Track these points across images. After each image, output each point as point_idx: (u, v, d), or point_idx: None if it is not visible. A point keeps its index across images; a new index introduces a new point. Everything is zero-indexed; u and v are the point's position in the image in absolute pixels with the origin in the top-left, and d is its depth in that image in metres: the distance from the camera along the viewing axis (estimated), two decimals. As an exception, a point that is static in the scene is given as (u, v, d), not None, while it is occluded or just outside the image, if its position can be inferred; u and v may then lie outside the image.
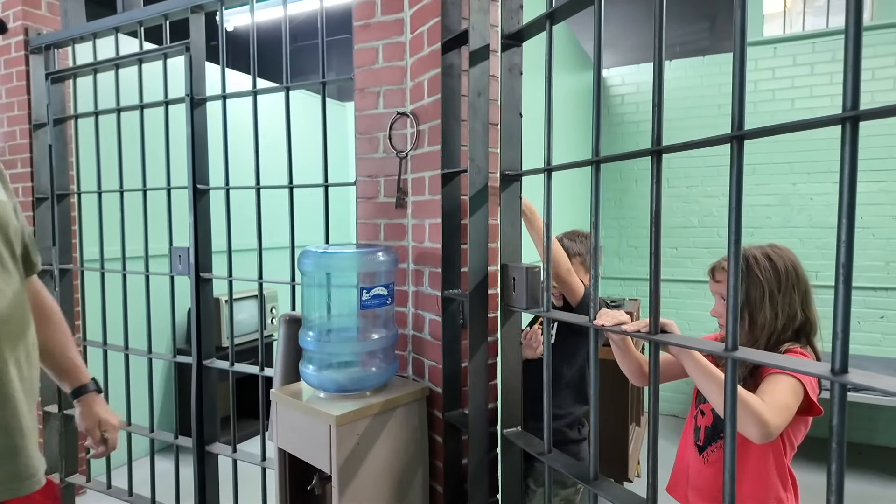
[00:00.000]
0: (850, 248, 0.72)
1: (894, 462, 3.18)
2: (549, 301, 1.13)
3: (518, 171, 1.25)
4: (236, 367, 2.01)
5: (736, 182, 0.82)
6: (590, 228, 1.04)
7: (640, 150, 0.92)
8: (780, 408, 1.04)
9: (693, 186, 3.84)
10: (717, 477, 1.19)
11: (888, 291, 3.42)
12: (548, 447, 1.12)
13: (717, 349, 0.85)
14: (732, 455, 0.81)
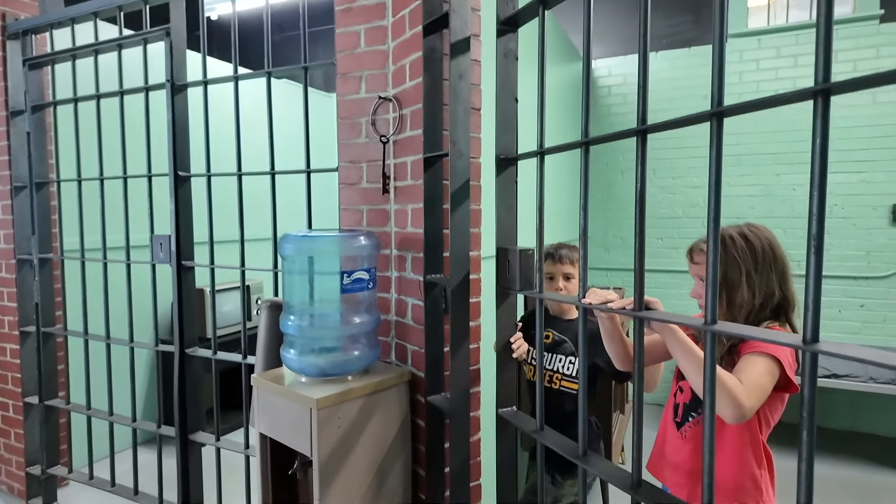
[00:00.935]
0: (822, 220, 0.72)
1: (876, 449, 3.23)
2: (541, 283, 1.15)
3: (512, 155, 1.25)
4: (219, 356, 1.99)
5: (716, 159, 0.83)
6: (579, 211, 1.05)
7: (627, 129, 0.93)
8: (755, 389, 1.05)
9: (678, 177, 3.87)
10: (693, 452, 1.20)
11: (868, 280, 3.47)
12: (539, 425, 1.12)
13: (696, 323, 0.86)
14: (711, 428, 0.82)
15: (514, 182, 1.27)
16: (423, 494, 1.52)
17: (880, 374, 2.89)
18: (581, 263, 1.02)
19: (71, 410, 2.37)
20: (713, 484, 0.83)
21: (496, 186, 1.24)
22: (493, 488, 1.29)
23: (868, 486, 2.77)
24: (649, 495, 0.92)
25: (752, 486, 1.15)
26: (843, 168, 3.46)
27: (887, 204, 3.40)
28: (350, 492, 1.35)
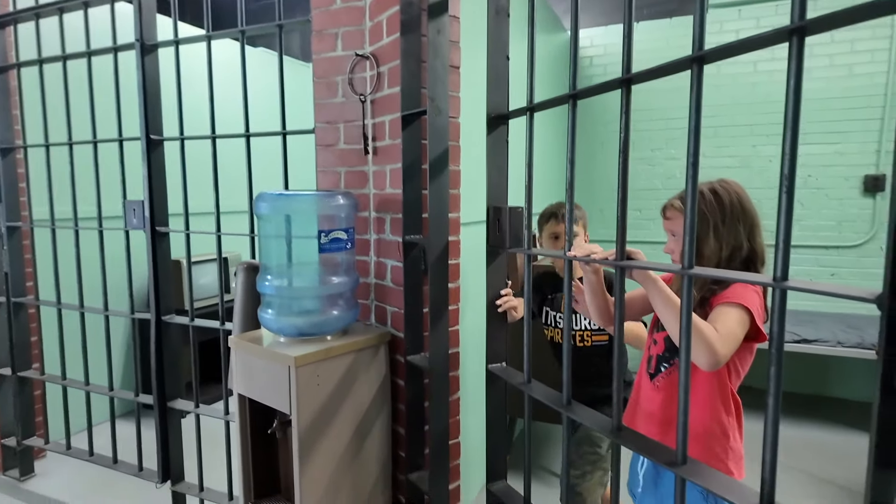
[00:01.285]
0: (794, 161, 0.73)
1: (845, 412, 3.35)
2: (530, 240, 1.15)
3: (504, 112, 1.23)
4: (197, 323, 1.97)
5: (696, 105, 0.83)
6: (566, 165, 1.05)
7: (612, 80, 0.93)
8: (729, 337, 1.08)
9: (657, 149, 3.89)
10: (665, 401, 1.23)
11: (839, 250, 3.55)
12: (527, 377, 1.14)
13: (675, 268, 0.87)
14: (687, 371, 0.84)
15: (506, 141, 1.26)
16: (403, 452, 1.53)
17: (847, 339, 2.98)
18: (567, 217, 1.02)
19: (45, 381, 2.34)
20: (687, 423, 0.85)
21: (488, 145, 1.22)
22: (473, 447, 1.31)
23: (836, 448, 2.88)
24: (629, 439, 0.95)
25: (720, 432, 1.18)
26: (817, 139, 3.51)
27: (859, 174, 3.47)
28: (330, 450, 1.36)
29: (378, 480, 1.50)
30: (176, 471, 2.09)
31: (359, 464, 1.43)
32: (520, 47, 1.24)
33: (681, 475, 0.86)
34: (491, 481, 1.27)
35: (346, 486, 1.40)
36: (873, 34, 3.37)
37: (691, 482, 0.99)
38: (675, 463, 0.87)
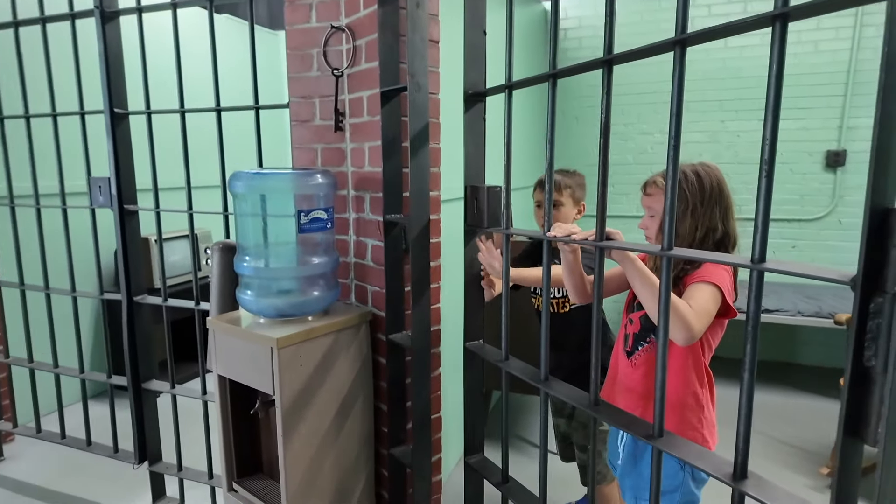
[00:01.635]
0: (774, 146, 0.75)
1: (803, 377, 3.53)
2: (510, 219, 1.16)
3: (482, 90, 1.22)
4: (170, 303, 1.93)
5: (678, 87, 0.84)
6: (545, 146, 1.05)
7: (594, 60, 0.93)
8: (703, 313, 1.12)
9: (629, 124, 3.92)
10: (644, 376, 1.28)
11: (800, 223, 3.69)
12: (505, 355, 1.15)
13: (654, 249, 0.89)
14: (665, 345, 0.86)
15: (483, 119, 1.25)
16: (385, 427, 1.55)
17: (807, 308, 3.12)
18: (546, 198, 1.03)
19: (11, 364, 2.27)
20: (665, 398, 0.89)
21: (465, 123, 1.21)
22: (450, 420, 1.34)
23: (795, 411, 3.03)
24: (606, 412, 0.98)
25: (693, 403, 1.24)
26: (783, 115, 3.58)
27: (822, 150, 3.58)
28: (313, 428, 1.36)
29: (360, 455, 1.52)
30: (153, 451, 2.07)
31: (342, 440, 1.44)
32: (496, 20, 1.22)
33: (658, 447, 0.89)
34: (469, 454, 1.29)
35: (329, 462, 1.41)
36: (839, 12, 3.43)
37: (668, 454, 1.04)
38: (652, 436, 0.90)
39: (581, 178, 1.79)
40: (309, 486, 1.36)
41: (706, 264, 1.21)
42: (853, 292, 0.64)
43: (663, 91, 3.65)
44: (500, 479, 1.21)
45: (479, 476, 1.30)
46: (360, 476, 1.53)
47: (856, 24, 3.41)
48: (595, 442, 1.05)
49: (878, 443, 0.67)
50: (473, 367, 1.29)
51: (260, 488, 1.47)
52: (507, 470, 1.20)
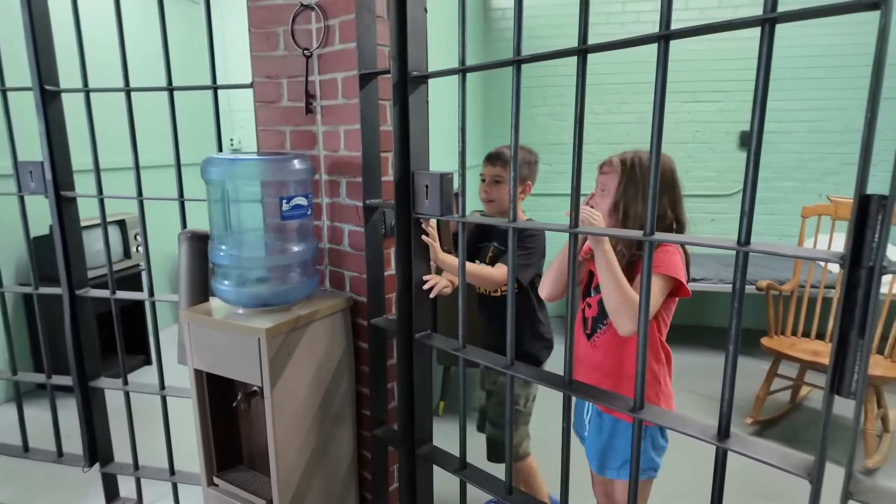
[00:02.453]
0: (759, 141, 0.83)
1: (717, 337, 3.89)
2: (464, 208, 1.16)
3: (426, 73, 1.20)
4: (119, 295, 1.81)
5: (661, 80, 0.89)
6: (510, 131, 1.07)
7: (567, 48, 0.97)
8: (651, 306, 1.23)
9: (566, 105, 4.06)
10: (604, 356, 1.37)
11: (719, 198, 4.01)
12: (462, 344, 1.19)
13: (636, 235, 0.95)
14: (645, 328, 0.94)
15: (426, 101, 1.24)
16: (367, 410, 1.57)
17: (728, 276, 3.43)
18: (511, 185, 1.05)
19: (-75, 370, 2.04)
20: (645, 374, 0.97)
21: (410, 106, 1.18)
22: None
23: (717, 369, 3.35)
24: (579, 390, 1.05)
25: (652, 378, 1.34)
26: (704, 98, 3.87)
27: (737, 130, 3.89)
28: (300, 415, 1.35)
29: (344, 439, 1.53)
30: (104, 452, 1.95)
31: (327, 426, 1.45)
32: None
33: (639, 418, 0.97)
34: (419, 446, 1.31)
35: (316, 447, 1.41)
36: (752, 1, 3.72)
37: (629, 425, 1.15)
38: (634, 409, 0.98)
39: (529, 156, 1.75)
40: (298, 472, 1.36)
41: (657, 251, 1.28)
42: (841, 268, 0.74)
43: (599, 73, 3.79)
44: (457, 466, 1.24)
45: (430, 466, 1.34)
46: (345, 459, 1.54)
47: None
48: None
49: (852, 396, 0.78)
50: (422, 358, 1.30)
51: (243, 480, 1.44)
52: (465, 457, 1.24)
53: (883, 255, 0.71)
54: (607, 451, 1.42)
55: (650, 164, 1.36)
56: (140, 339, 3.26)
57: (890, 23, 0.68)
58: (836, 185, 3.77)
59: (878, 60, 0.68)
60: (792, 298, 2.70)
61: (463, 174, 1.14)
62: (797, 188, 3.84)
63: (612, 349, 1.38)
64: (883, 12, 0.67)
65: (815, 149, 3.76)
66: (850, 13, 0.73)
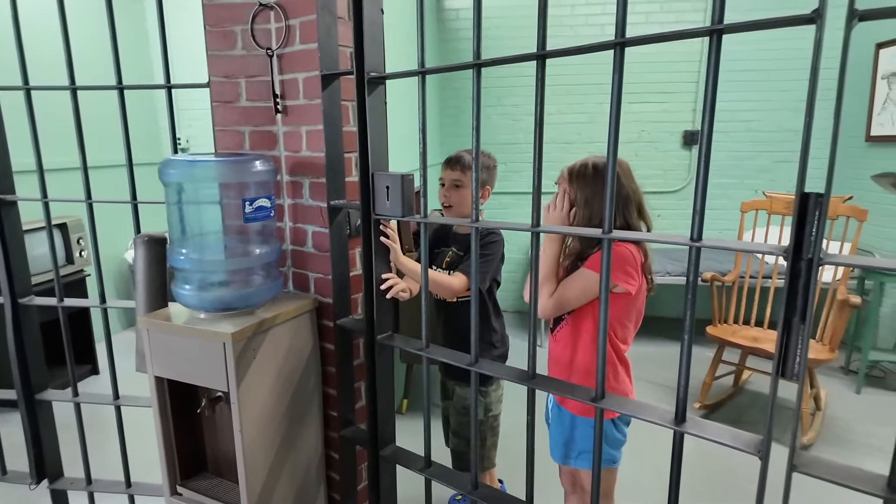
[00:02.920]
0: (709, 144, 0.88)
1: (674, 328, 4.07)
2: (425, 208, 1.19)
3: (384, 74, 1.21)
4: (67, 303, 1.73)
5: (618, 86, 0.94)
6: (472, 133, 1.10)
7: (526, 53, 1.00)
8: (560, 301, 1.38)
9: (518, 105, 4.15)
10: (564, 348, 1.44)
11: (664, 195, 4.20)
12: (426, 343, 1.21)
13: (595, 233, 1.00)
14: (605, 318, 0.98)
15: (384, 103, 1.25)
16: (334, 411, 1.57)
17: (674, 269, 3.60)
18: (473, 186, 1.08)
19: None
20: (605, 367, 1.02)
21: (368, 108, 1.19)
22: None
23: (668, 358, 3.51)
24: (542, 383, 1.10)
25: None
26: (649, 98, 4.03)
27: (680, 130, 4.08)
28: (267, 419, 1.34)
29: (312, 440, 1.52)
30: (53, 468, 1.86)
31: (295, 429, 1.44)
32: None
33: (601, 407, 1.02)
34: (382, 447, 1.33)
35: (284, 450, 1.40)
36: (693, 7, 3.90)
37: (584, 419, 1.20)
38: (594, 398, 1.03)
39: (488, 160, 1.76)
40: (266, 476, 1.35)
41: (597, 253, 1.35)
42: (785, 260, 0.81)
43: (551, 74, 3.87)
44: (422, 465, 1.26)
45: (393, 467, 1.36)
46: (313, 460, 1.53)
47: (705, 20, 3.90)
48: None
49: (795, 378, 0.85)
50: (383, 360, 1.31)
51: (209, 487, 1.41)
52: (429, 455, 1.26)
53: (819, 247, 0.78)
54: (567, 443, 1.48)
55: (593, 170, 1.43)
56: (86, 348, 3.11)
57: (824, 36, 0.75)
58: (770, 182, 4.01)
59: (814, 69, 0.74)
60: (733, 289, 2.87)
61: (424, 175, 1.16)
62: (735, 184, 4.07)
63: (569, 342, 1.44)
64: (818, 26, 0.74)
65: (751, 147, 4.00)
66: (790, 26, 0.79)
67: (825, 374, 3.21)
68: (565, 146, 4.11)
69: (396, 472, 1.39)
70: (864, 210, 2.45)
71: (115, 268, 3.90)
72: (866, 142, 3.46)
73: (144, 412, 1.77)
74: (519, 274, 4.46)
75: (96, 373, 3.13)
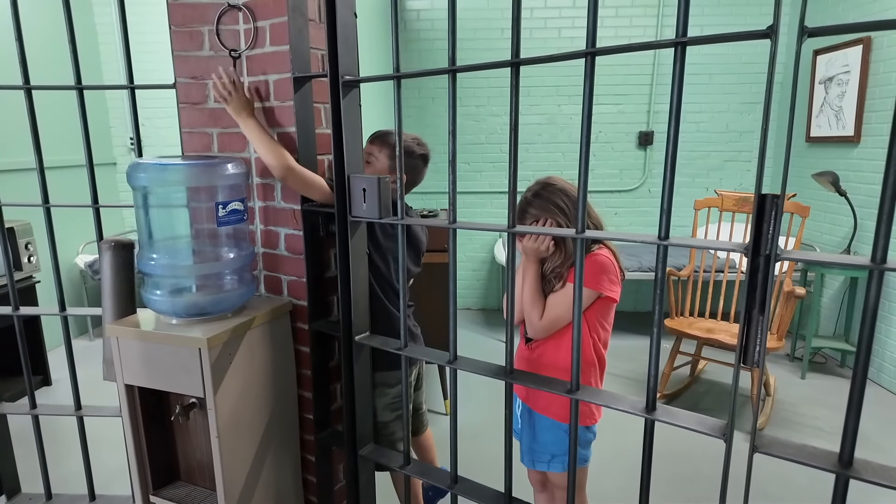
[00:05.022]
0: (675, 147, 0.94)
1: (631, 322, 4.21)
2: (402, 210, 1.20)
3: (358, 77, 1.21)
4: (23, 311, 1.66)
5: (589, 93, 0.98)
6: (448, 136, 1.13)
7: (499, 61, 1.04)
8: (551, 321, 1.42)
9: (481, 106, 4.20)
10: (541, 356, 1.48)
11: (620, 193, 4.34)
12: (404, 342, 1.24)
13: (569, 233, 1.04)
14: (579, 318, 1.03)
15: (359, 105, 1.27)
16: (309, 414, 1.56)
17: (631, 264, 3.72)
18: (449, 187, 1.11)
19: None
20: (580, 361, 1.06)
21: (343, 111, 1.20)
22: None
23: (627, 351, 3.63)
24: (522, 378, 1.14)
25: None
26: (606, 100, 4.16)
27: (636, 131, 4.23)
28: (244, 424, 1.33)
29: (288, 444, 1.52)
30: (10, 483, 1.79)
31: (270, 432, 1.43)
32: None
33: (576, 398, 1.07)
34: (361, 446, 1.35)
35: (260, 455, 1.39)
36: (645, 12, 4.05)
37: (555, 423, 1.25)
38: (570, 391, 1.08)
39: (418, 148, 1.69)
40: (243, 481, 1.34)
41: (594, 253, 1.42)
42: (745, 256, 0.87)
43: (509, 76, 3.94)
44: (402, 463, 1.29)
45: (372, 465, 1.38)
46: (290, 463, 1.53)
47: (658, 25, 4.06)
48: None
49: (755, 366, 0.92)
50: (361, 359, 1.33)
51: (183, 496, 1.39)
52: (408, 453, 1.29)
53: (776, 244, 0.84)
54: (535, 447, 1.51)
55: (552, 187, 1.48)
56: (37, 359, 2.97)
57: (778, 49, 0.81)
58: (719, 180, 4.21)
59: (770, 80, 0.80)
60: (689, 283, 3.00)
61: (400, 177, 1.18)
62: (687, 183, 4.24)
63: (546, 350, 1.47)
64: (773, 40, 0.80)
65: (702, 147, 4.18)
66: (748, 40, 0.85)
67: (773, 362, 3.40)
68: (527, 146, 4.19)
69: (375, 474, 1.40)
70: (807, 207, 2.62)
71: (66, 273, 3.73)
72: (807, 142, 3.68)
73: (102, 422, 1.72)
74: (483, 272, 4.52)
75: (48, 384, 2.99)
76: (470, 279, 4.51)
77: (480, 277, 4.53)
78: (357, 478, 1.36)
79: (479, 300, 4.58)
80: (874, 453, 2.41)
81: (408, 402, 1.28)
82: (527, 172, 4.02)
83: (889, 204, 0.75)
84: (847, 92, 3.31)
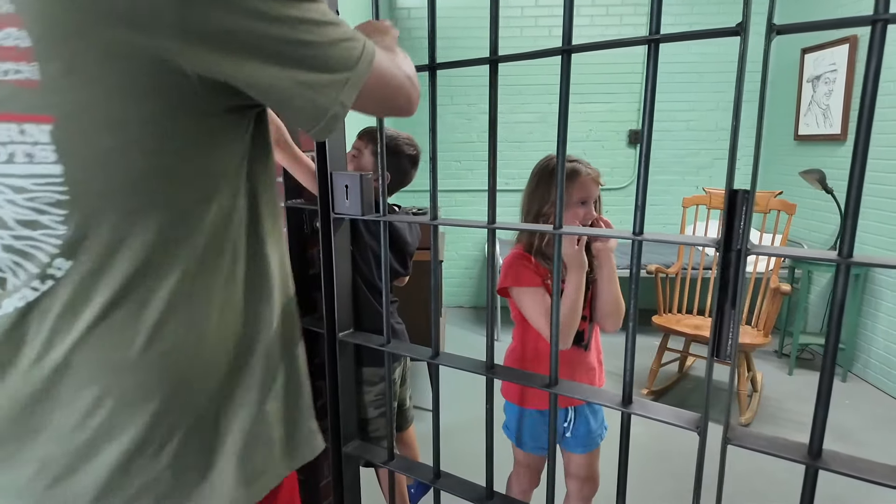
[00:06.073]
0: (649, 144, 0.95)
1: (614, 320, 4.22)
2: (384, 207, 1.21)
3: None
4: None
5: (565, 90, 0.99)
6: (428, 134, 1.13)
7: (479, 58, 1.05)
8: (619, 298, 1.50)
9: (472, 104, 4.21)
10: (588, 355, 1.59)
11: (611, 191, 4.36)
12: (387, 338, 1.25)
13: (546, 228, 1.06)
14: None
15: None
16: (295, 412, 1.57)
17: (620, 262, 3.75)
18: (430, 184, 1.12)
19: None
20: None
21: None
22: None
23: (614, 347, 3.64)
24: (500, 373, 1.15)
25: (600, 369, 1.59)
26: (596, 99, 4.18)
27: (626, 129, 4.25)
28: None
29: (273, 443, 1.52)
30: None
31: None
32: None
33: (554, 392, 1.08)
34: (346, 443, 1.35)
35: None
36: (635, 11, 4.07)
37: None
38: (549, 385, 1.09)
39: (405, 147, 1.67)
40: (227, 480, 1.34)
41: None
42: (717, 252, 0.89)
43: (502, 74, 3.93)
44: (386, 458, 1.30)
45: (356, 462, 1.39)
46: (274, 462, 1.53)
47: (647, 23, 4.08)
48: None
49: (728, 359, 0.93)
50: (345, 357, 1.34)
51: (168, 493, 1.39)
52: (392, 447, 1.30)
53: (747, 239, 0.86)
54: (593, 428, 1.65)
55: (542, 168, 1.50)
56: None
57: (748, 46, 0.83)
58: (709, 178, 4.24)
59: (739, 77, 0.82)
60: (677, 280, 3.03)
61: (382, 174, 1.18)
62: (676, 181, 4.27)
63: (593, 346, 1.57)
64: (742, 38, 0.82)
65: (691, 145, 4.21)
66: (718, 37, 0.87)
67: (760, 358, 3.43)
68: (518, 145, 4.21)
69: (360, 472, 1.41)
70: (794, 204, 2.64)
71: None
72: (795, 140, 3.71)
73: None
74: (476, 270, 4.53)
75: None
76: (462, 277, 4.52)
77: (472, 275, 4.54)
78: (342, 474, 1.37)
79: (471, 298, 4.60)
80: (857, 448, 2.44)
81: (392, 398, 1.29)
82: (517, 171, 4.04)
83: (854, 202, 0.77)
84: (834, 90, 3.34)
